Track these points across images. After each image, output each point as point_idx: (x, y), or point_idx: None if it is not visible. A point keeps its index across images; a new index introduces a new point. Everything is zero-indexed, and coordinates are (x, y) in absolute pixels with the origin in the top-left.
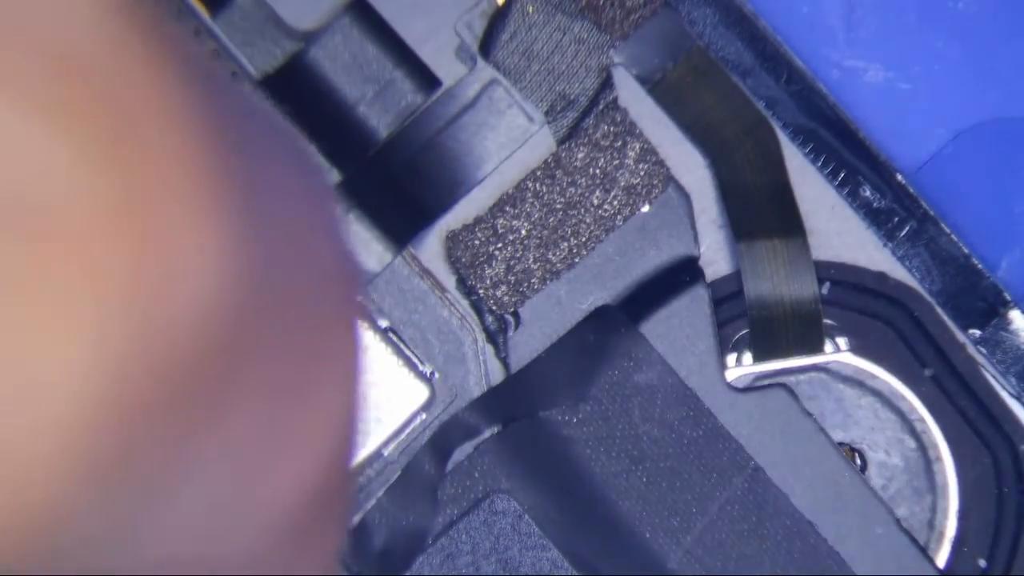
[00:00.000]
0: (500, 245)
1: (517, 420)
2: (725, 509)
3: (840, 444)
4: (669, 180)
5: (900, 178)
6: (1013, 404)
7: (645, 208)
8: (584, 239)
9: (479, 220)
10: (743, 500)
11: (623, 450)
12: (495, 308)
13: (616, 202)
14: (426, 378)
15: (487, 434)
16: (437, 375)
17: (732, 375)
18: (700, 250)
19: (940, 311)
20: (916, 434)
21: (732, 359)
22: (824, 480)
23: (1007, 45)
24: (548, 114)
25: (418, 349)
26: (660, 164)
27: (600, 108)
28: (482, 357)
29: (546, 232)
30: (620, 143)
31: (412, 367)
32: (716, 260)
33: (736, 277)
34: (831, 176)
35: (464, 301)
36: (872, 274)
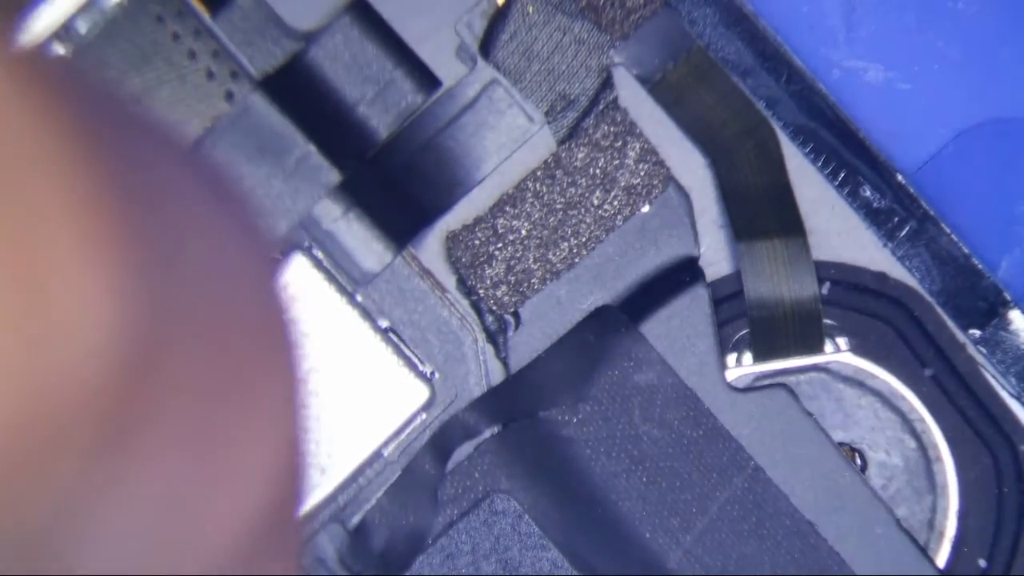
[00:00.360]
0: (500, 245)
1: (517, 420)
2: (725, 509)
3: (840, 444)
4: (669, 180)
5: (900, 178)
6: (1013, 404)
7: (645, 208)
8: (584, 239)
9: (479, 220)
10: (743, 500)
11: (623, 450)
12: (495, 308)
13: (616, 202)
14: (426, 378)
15: (487, 434)
16: (437, 375)
17: (732, 375)
18: (700, 250)
19: (940, 311)
20: (916, 434)
21: (732, 359)
22: (824, 480)
23: (1007, 45)
24: (548, 114)
25: (418, 349)
26: (660, 164)
27: (600, 108)
28: (482, 357)
29: (546, 232)
30: (620, 143)
31: (412, 367)
32: (716, 260)
33: (736, 277)
34: (831, 176)
35: (464, 301)
36: (872, 274)
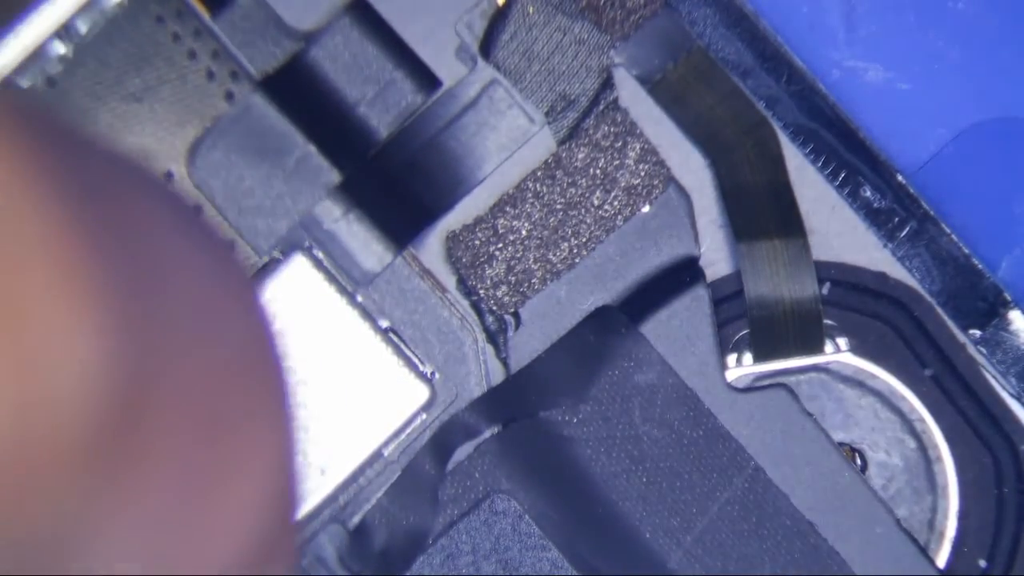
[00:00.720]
0: (500, 245)
1: (517, 420)
2: (725, 509)
3: (840, 444)
4: (669, 180)
5: (900, 178)
6: (1013, 404)
7: (645, 208)
8: (584, 239)
9: (479, 220)
10: (743, 500)
11: (623, 450)
12: (495, 308)
13: (616, 202)
14: (426, 378)
15: (487, 434)
16: (437, 375)
17: (732, 375)
18: (700, 250)
19: (940, 311)
20: (916, 434)
21: (732, 359)
22: (824, 480)
23: (1007, 45)
24: (548, 114)
25: (418, 349)
26: (660, 164)
27: (600, 108)
28: (482, 357)
29: (546, 232)
30: (620, 143)
31: (412, 367)
32: (716, 260)
33: (736, 277)
34: (831, 176)
35: (464, 301)
36: (872, 274)
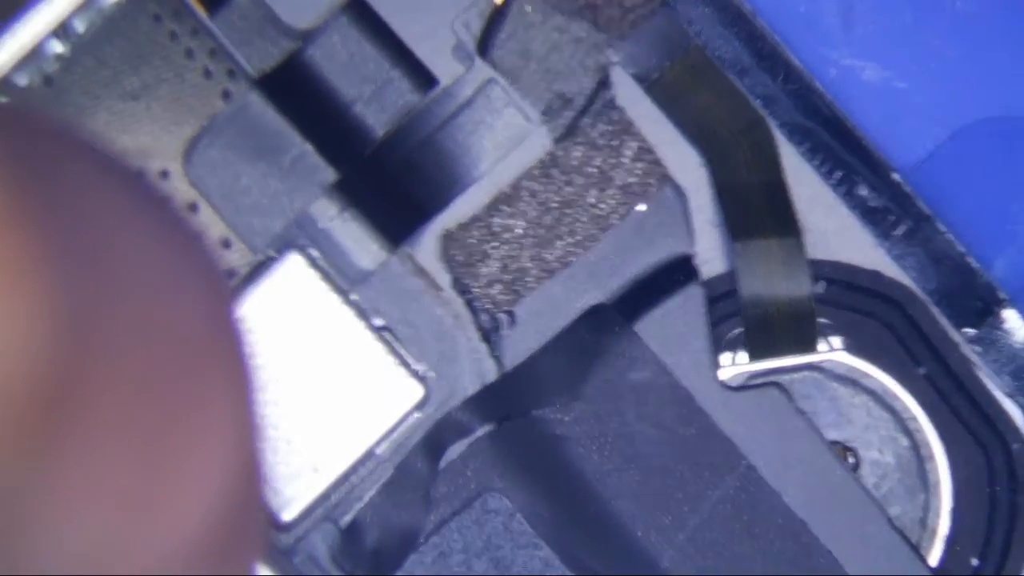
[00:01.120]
0: (496, 244)
1: (511, 418)
2: (718, 508)
3: (833, 443)
4: (665, 179)
5: (896, 177)
6: (1007, 403)
7: (641, 207)
8: (580, 238)
9: (475, 219)
10: (736, 499)
11: (616, 449)
12: (490, 307)
13: (612, 201)
14: (420, 377)
15: (480, 433)
16: (431, 374)
17: (726, 374)
18: (696, 249)
19: (935, 310)
20: (909, 433)
21: (726, 358)
22: (817, 479)
23: (1004, 44)
24: (545, 113)
25: (412, 348)
26: (656, 163)
27: (597, 107)
28: (476, 356)
29: (542, 231)
30: (617, 142)
31: (406, 366)
32: (711, 259)
33: (731, 276)
34: (827, 175)
35: (459, 300)
36: (867, 273)
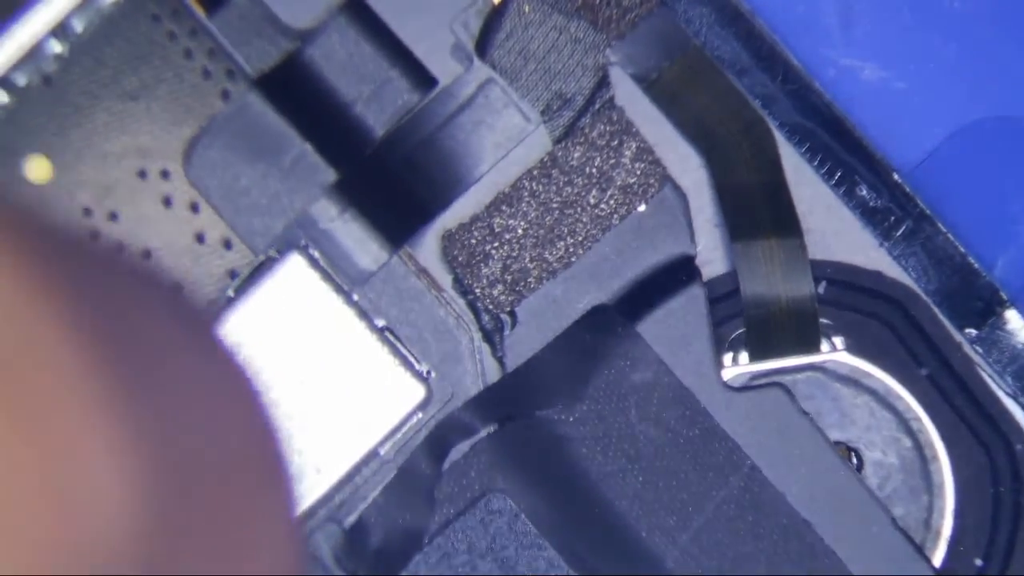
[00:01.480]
0: (496, 244)
1: (513, 419)
2: (721, 508)
3: (836, 443)
4: (665, 179)
5: (896, 177)
6: (1009, 403)
7: (641, 207)
8: (580, 238)
9: (475, 219)
10: (739, 499)
11: (619, 449)
12: (491, 307)
13: (612, 201)
14: (422, 377)
15: (483, 433)
16: (433, 374)
17: (728, 374)
18: (696, 249)
19: (936, 310)
20: (912, 433)
21: (728, 358)
22: (820, 479)
23: (1003, 44)
24: (544, 113)
25: (414, 348)
26: (656, 163)
27: (596, 107)
28: (478, 356)
29: (542, 231)
30: (616, 142)
31: (408, 366)
32: (712, 259)
33: (732, 276)
34: (827, 175)
35: (460, 300)
36: (868, 273)
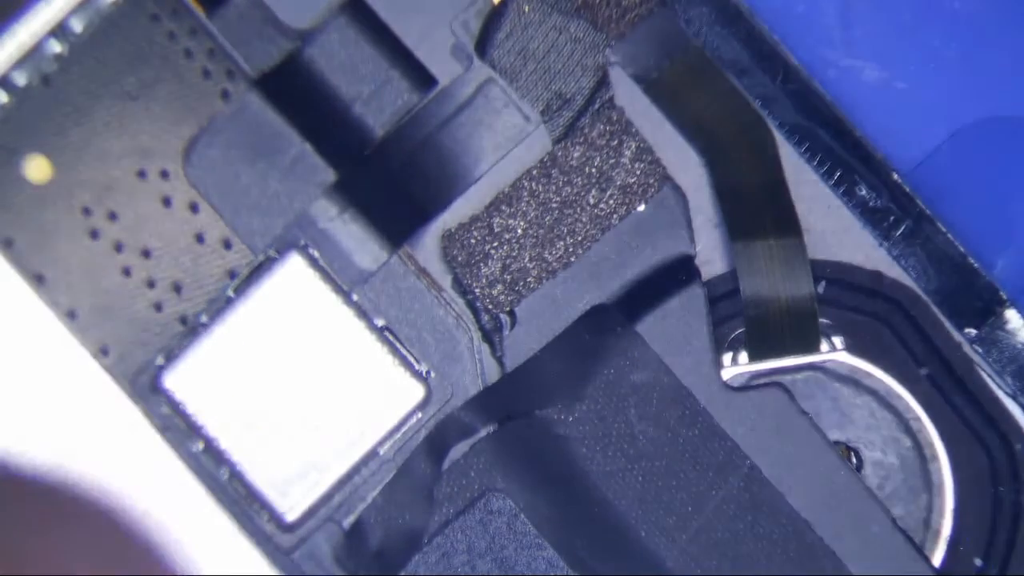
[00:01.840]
0: (496, 244)
1: (513, 419)
2: (721, 508)
3: (836, 443)
4: (665, 179)
5: (896, 177)
6: (1009, 403)
7: (641, 207)
8: (580, 238)
9: (475, 219)
10: (739, 499)
11: (619, 449)
12: (491, 307)
13: (612, 201)
14: (422, 377)
15: (483, 433)
16: (433, 374)
17: (728, 374)
18: (696, 249)
19: (936, 310)
20: (912, 433)
21: (728, 358)
22: (820, 479)
23: (1003, 44)
24: (544, 113)
25: (414, 348)
26: (656, 163)
27: (596, 107)
28: (478, 356)
29: (542, 231)
30: (616, 142)
31: (408, 366)
32: (712, 259)
33: (732, 276)
34: (827, 175)
35: (460, 300)
36: (868, 273)
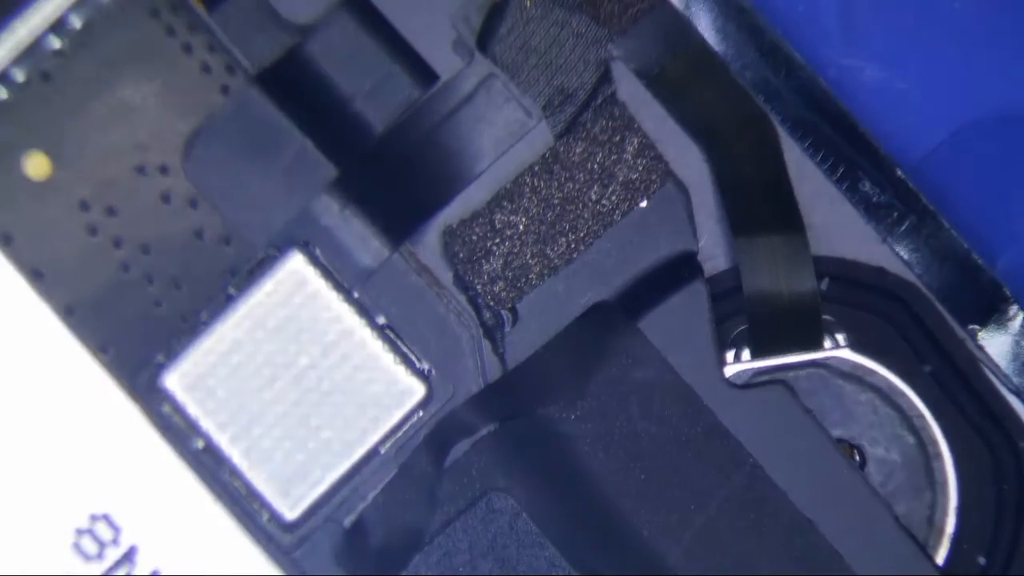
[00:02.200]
0: (497, 240)
1: (515, 417)
2: (724, 506)
3: (839, 441)
4: (668, 175)
5: (900, 172)
6: (1013, 400)
7: (643, 203)
8: (582, 234)
9: (476, 215)
10: (742, 497)
11: (621, 447)
12: (492, 304)
13: (614, 197)
14: (423, 375)
15: (484, 431)
16: (434, 372)
17: (731, 371)
18: (699, 245)
19: (939, 307)
20: (915, 430)
21: (731, 355)
22: (823, 477)
23: (1004, 43)
24: (546, 108)
25: (415, 346)
26: (658, 159)
27: (598, 103)
28: (479, 354)
29: (544, 227)
30: (618, 138)
31: (409, 364)
32: (715, 255)
33: (735, 272)
34: (830, 171)
35: (461, 297)
36: (871, 269)
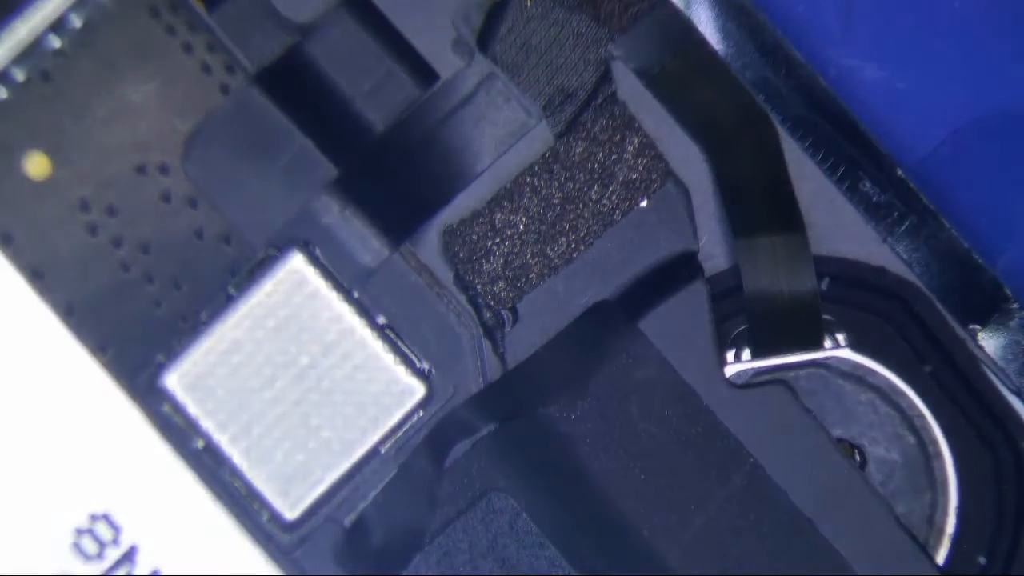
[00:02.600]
0: (498, 240)
1: (515, 417)
2: (724, 506)
3: (839, 440)
4: (668, 175)
5: (900, 172)
6: (1013, 400)
7: (643, 203)
8: (582, 234)
9: (476, 215)
10: (742, 497)
11: (621, 447)
12: (493, 304)
13: (614, 197)
14: (423, 375)
15: (484, 431)
16: (434, 372)
17: (731, 371)
18: (699, 245)
19: (940, 306)
20: (916, 430)
21: (731, 355)
22: (823, 477)
23: (1004, 42)
24: (546, 108)
25: (415, 346)
26: (659, 158)
27: (599, 102)
28: (480, 353)
29: (544, 227)
30: (618, 137)
31: (409, 364)
32: (715, 255)
33: (735, 272)
34: (830, 170)
35: (461, 297)
36: (872, 269)
